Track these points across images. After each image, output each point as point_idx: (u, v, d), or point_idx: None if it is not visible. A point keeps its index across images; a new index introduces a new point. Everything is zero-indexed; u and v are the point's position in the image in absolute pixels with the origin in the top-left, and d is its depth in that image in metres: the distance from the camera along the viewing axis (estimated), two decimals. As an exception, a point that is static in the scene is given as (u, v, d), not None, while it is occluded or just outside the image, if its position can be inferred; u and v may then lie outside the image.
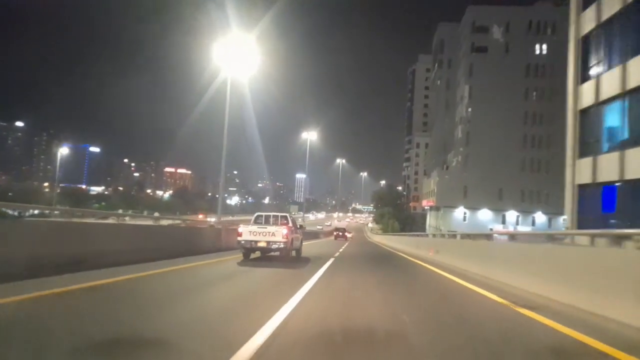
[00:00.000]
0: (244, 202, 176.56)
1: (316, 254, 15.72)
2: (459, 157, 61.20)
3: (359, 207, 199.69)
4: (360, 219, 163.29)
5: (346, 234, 50.80)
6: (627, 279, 4.65)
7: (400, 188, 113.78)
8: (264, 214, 13.27)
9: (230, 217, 79.95)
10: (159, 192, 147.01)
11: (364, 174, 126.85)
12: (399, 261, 15.75)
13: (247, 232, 11.18)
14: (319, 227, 77.08)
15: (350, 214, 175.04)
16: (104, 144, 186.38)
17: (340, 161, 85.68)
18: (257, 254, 12.27)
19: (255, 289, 7.16)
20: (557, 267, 6.42)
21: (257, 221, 12.36)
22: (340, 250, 20.97)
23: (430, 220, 70.21)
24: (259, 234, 11.14)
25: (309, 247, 20.49)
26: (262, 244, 11.12)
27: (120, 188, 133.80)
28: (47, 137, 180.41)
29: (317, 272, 9.30)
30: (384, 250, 25.37)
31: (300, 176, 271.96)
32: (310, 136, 49.12)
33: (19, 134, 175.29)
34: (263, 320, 4.22)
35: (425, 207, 73.76)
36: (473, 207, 58.39)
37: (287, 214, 14.00)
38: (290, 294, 6.02)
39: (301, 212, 74.72)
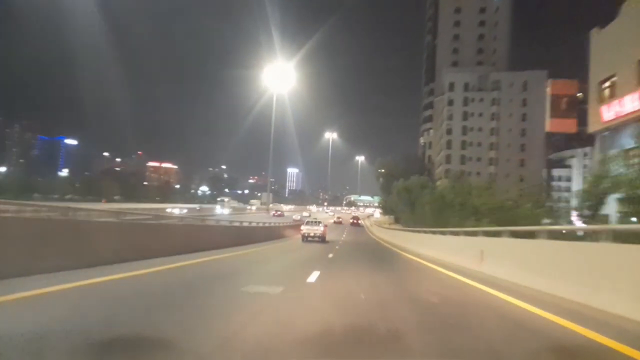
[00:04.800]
0: (213, 192, 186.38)
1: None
2: None
3: (354, 197, 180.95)
4: (347, 211, 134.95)
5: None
6: None
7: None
8: (310, 220, 28.50)
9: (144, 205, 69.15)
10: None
11: (361, 158, 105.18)
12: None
13: (305, 228, 26.28)
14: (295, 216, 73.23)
15: (343, 208, 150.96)
16: (84, 137, 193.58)
17: (330, 135, 77.28)
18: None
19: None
20: None
21: (307, 224, 27.45)
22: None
23: None
24: (310, 229, 26.32)
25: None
26: (311, 234, 26.14)
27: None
28: (19, 128, 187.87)
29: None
30: None
31: (292, 170, 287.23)
32: (280, 89, 40.42)
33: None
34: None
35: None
36: None
37: (321, 221, 28.76)
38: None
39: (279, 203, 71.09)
